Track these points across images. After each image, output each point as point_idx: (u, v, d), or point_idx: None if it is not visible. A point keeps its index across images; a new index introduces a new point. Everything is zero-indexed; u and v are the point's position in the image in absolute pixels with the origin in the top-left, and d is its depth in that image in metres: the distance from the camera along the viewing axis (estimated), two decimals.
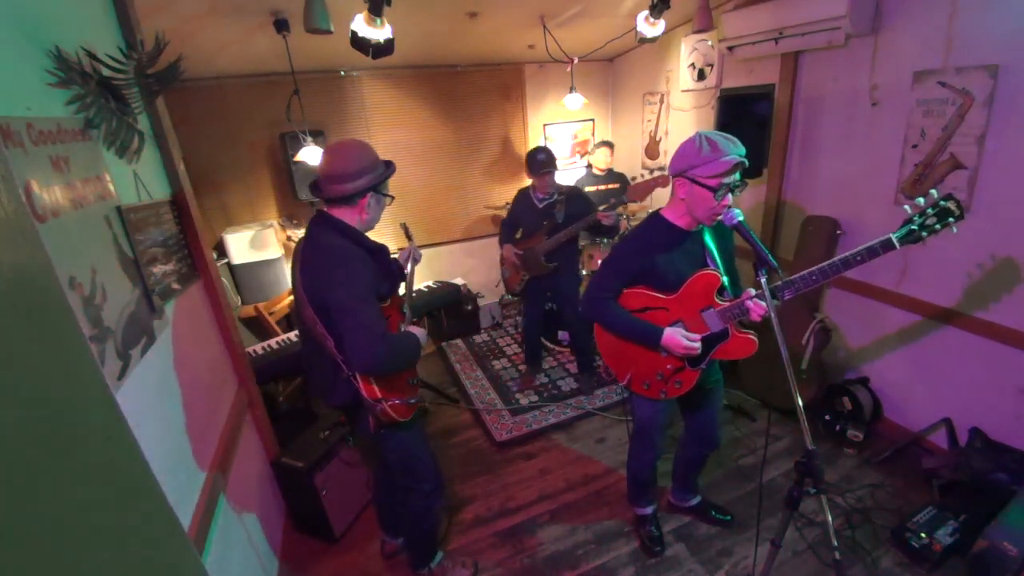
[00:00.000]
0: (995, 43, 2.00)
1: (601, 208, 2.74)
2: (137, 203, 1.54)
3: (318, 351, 1.59)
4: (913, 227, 1.38)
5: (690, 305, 1.69)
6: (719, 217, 1.55)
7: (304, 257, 1.54)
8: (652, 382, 1.84)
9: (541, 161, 2.90)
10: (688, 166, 1.53)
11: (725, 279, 1.67)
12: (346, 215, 1.53)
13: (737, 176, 1.51)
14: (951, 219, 1.36)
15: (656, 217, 1.71)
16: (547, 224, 2.99)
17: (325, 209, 1.55)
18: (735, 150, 1.49)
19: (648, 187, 2.45)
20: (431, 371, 3.86)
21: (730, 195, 1.52)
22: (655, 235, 1.69)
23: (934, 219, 1.37)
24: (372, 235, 1.63)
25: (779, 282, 1.47)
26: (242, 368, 2.22)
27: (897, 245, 1.38)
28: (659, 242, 1.68)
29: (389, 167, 1.60)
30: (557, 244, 2.96)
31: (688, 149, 1.54)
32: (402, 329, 1.71)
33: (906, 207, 1.41)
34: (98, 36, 1.48)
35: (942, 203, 1.36)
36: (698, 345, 1.66)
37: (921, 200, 1.38)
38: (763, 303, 1.47)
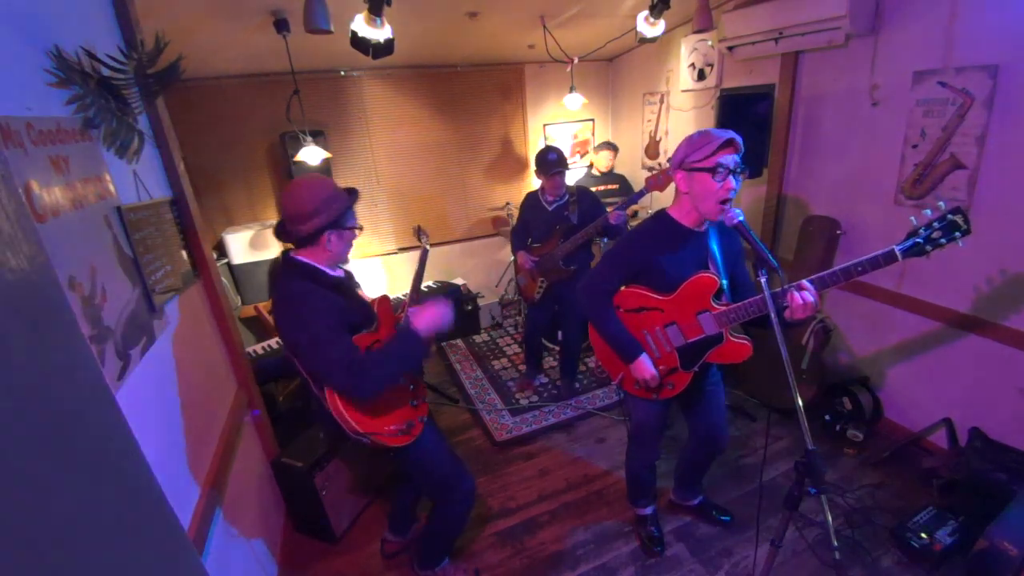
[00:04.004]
0: (995, 43, 2.00)
1: (610, 209, 2.69)
2: (137, 203, 1.54)
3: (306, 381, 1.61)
4: (918, 240, 1.33)
5: (686, 307, 1.69)
6: (725, 208, 1.52)
7: (272, 306, 1.59)
8: None
9: (552, 161, 2.82)
10: (684, 157, 1.56)
11: (724, 282, 1.66)
12: (311, 254, 1.55)
13: (736, 158, 1.50)
14: (958, 233, 1.30)
15: (662, 214, 1.71)
16: (561, 227, 2.90)
17: (291, 252, 1.57)
18: (726, 132, 1.50)
19: (667, 176, 2.36)
20: (431, 371, 3.86)
21: (732, 179, 1.50)
22: (659, 232, 1.69)
23: (940, 233, 1.31)
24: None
25: (779, 288, 1.47)
26: (242, 368, 2.22)
27: (900, 257, 1.34)
28: (663, 239, 1.67)
29: (350, 197, 1.57)
30: (575, 246, 2.85)
31: (682, 144, 1.58)
32: (401, 322, 1.63)
33: (912, 219, 1.36)
34: (98, 36, 1.48)
35: (949, 216, 1.30)
36: (656, 379, 1.75)
37: (928, 212, 1.33)
38: (809, 296, 1.43)
